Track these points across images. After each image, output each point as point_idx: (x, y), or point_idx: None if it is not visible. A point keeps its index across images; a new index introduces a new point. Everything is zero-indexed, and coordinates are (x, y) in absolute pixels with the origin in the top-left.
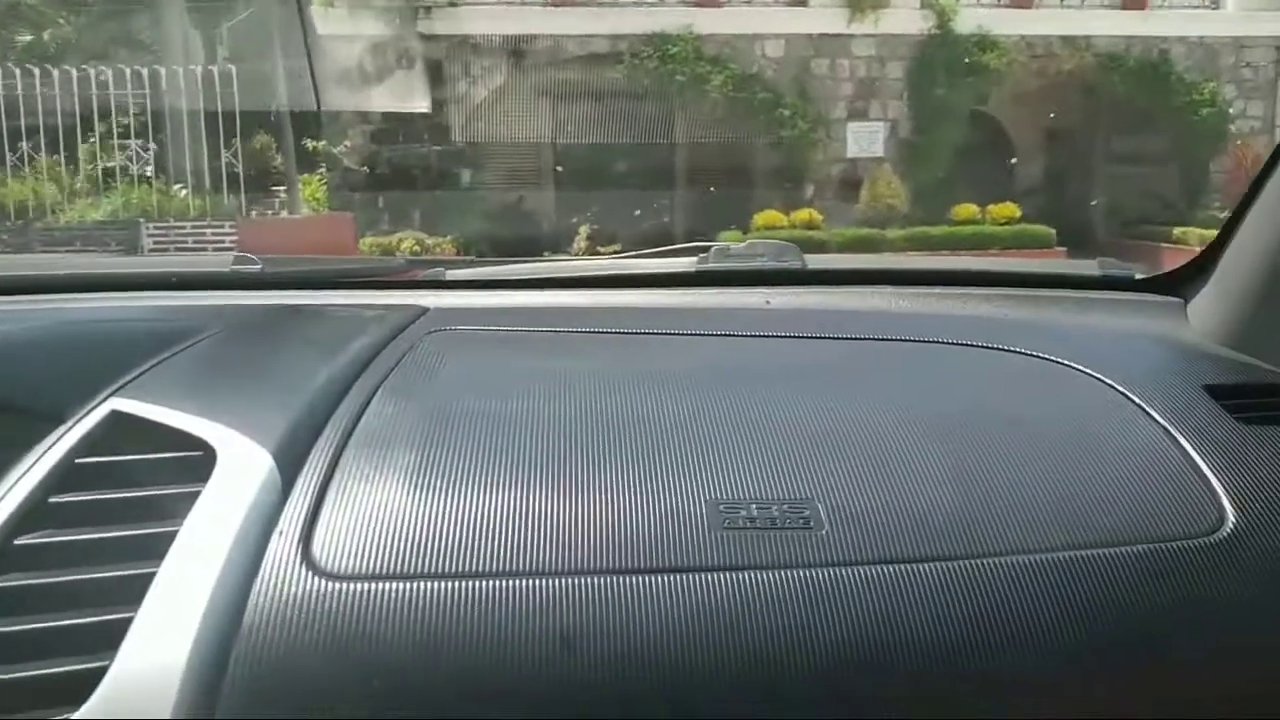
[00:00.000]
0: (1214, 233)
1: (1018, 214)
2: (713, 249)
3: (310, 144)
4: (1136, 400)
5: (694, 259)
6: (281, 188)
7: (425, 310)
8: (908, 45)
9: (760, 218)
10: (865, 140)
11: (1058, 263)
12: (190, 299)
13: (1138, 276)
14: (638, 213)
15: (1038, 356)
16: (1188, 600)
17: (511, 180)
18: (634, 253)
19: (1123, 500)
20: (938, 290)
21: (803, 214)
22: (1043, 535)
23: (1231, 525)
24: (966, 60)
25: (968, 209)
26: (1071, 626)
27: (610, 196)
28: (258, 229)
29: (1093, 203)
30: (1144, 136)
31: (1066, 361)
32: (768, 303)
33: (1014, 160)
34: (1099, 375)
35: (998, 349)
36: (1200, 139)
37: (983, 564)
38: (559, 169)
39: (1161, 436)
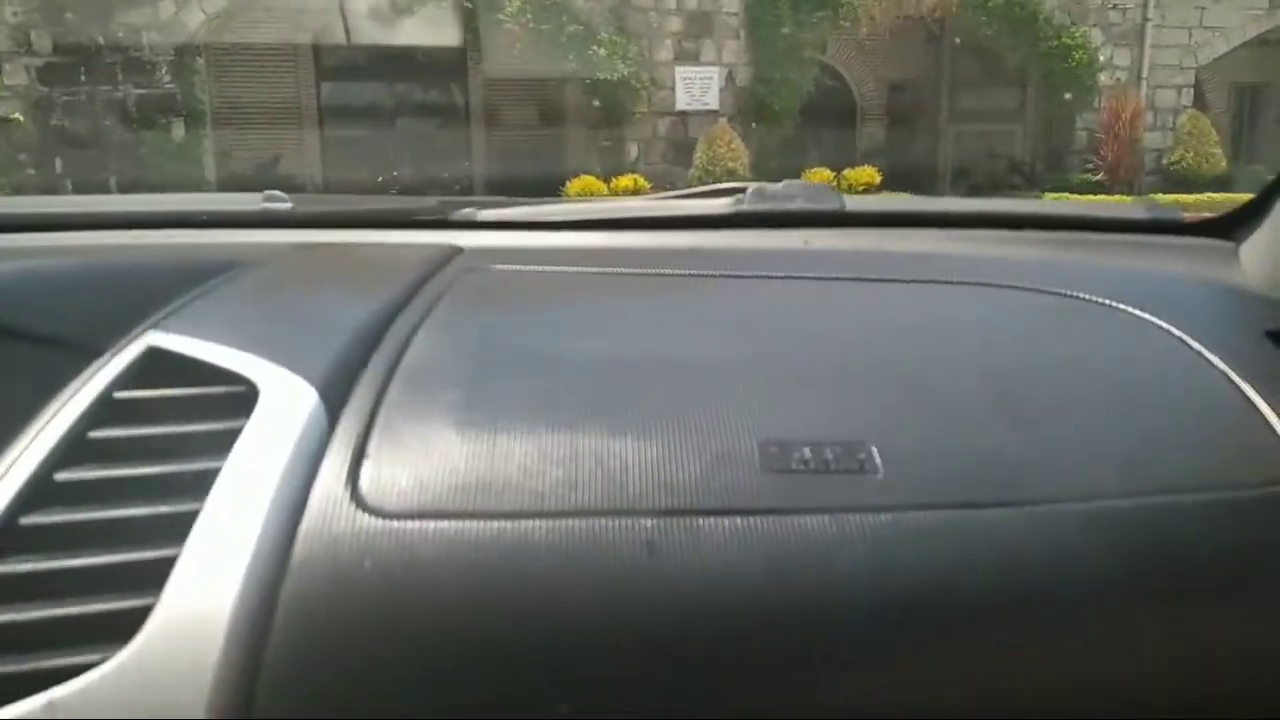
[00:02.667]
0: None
1: (878, 179)
2: (749, 190)
3: None
4: (1195, 345)
5: (729, 199)
6: None
7: (460, 250)
8: None
9: (574, 186)
10: (698, 89)
11: (1103, 205)
12: (221, 236)
13: (1187, 219)
14: (413, 178)
15: (1090, 299)
16: (1255, 547)
17: (260, 139)
18: (668, 194)
19: (1186, 447)
20: (980, 233)
21: (625, 180)
22: (1105, 481)
23: None
24: None
25: (821, 174)
26: (1138, 573)
27: (383, 158)
28: None
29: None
30: (1015, 88)
31: (1120, 305)
32: (806, 243)
33: (870, 115)
34: (1154, 319)
35: (1047, 291)
36: (1072, 89)
37: (1046, 510)
38: (323, 128)
39: (1223, 382)
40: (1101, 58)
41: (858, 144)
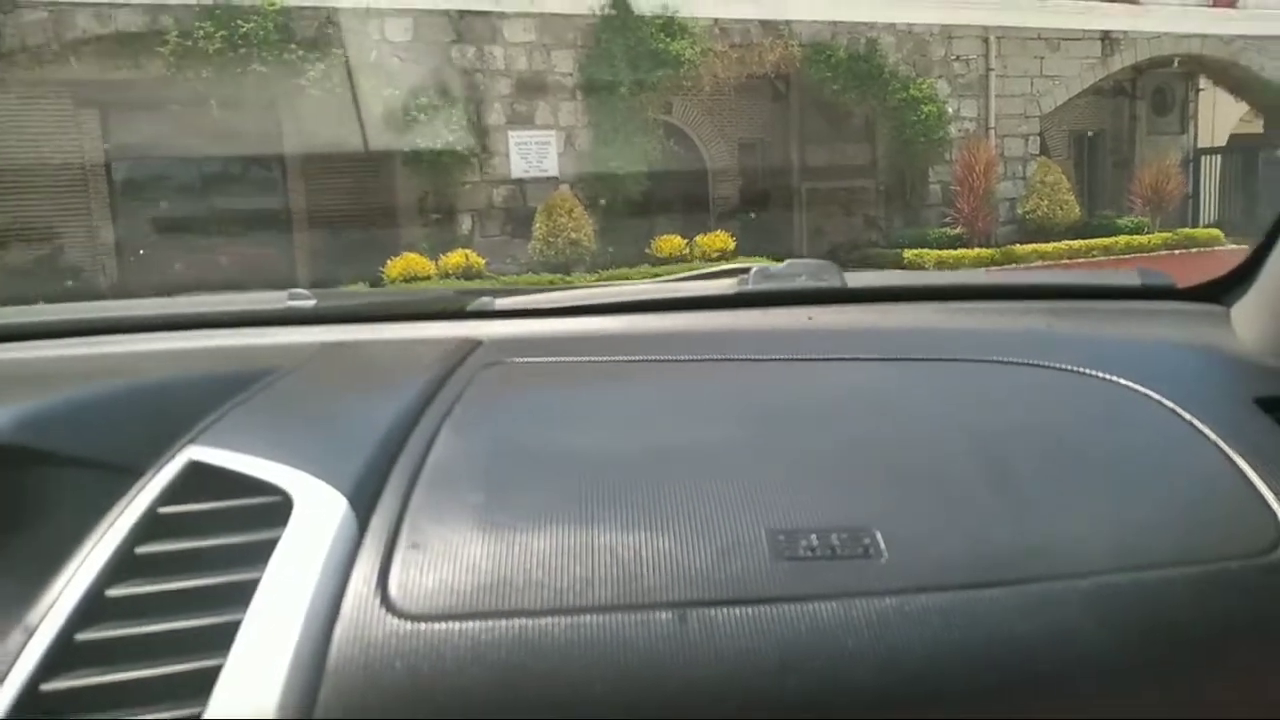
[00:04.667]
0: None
1: (731, 245)
2: (753, 270)
3: None
4: (1186, 416)
5: (734, 280)
6: None
7: (479, 343)
8: (576, 29)
9: (395, 266)
10: (534, 155)
11: (1098, 273)
12: (246, 336)
13: (1179, 286)
14: (225, 261)
15: (1083, 372)
16: (1248, 620)
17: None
18: (677, 276)
19: (1177, 520)
20: (978, 305)
21: (455, 257)
22: (1099, 558)
23: None
24: (652, 48)
25: (671, 241)
26: (1135, 650)
27: (196, 240)
28: None
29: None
30: (866, 144)
31: (1112, 376)
32: (810, 319)
33: (722, 177)
34: (1146, 389)
35: (1043, 365)
36: (923, 142)
37: (1040, 589)
38: (115, 217)
39: (1214, 453)
40: (950, 109)
41: (711, 207)
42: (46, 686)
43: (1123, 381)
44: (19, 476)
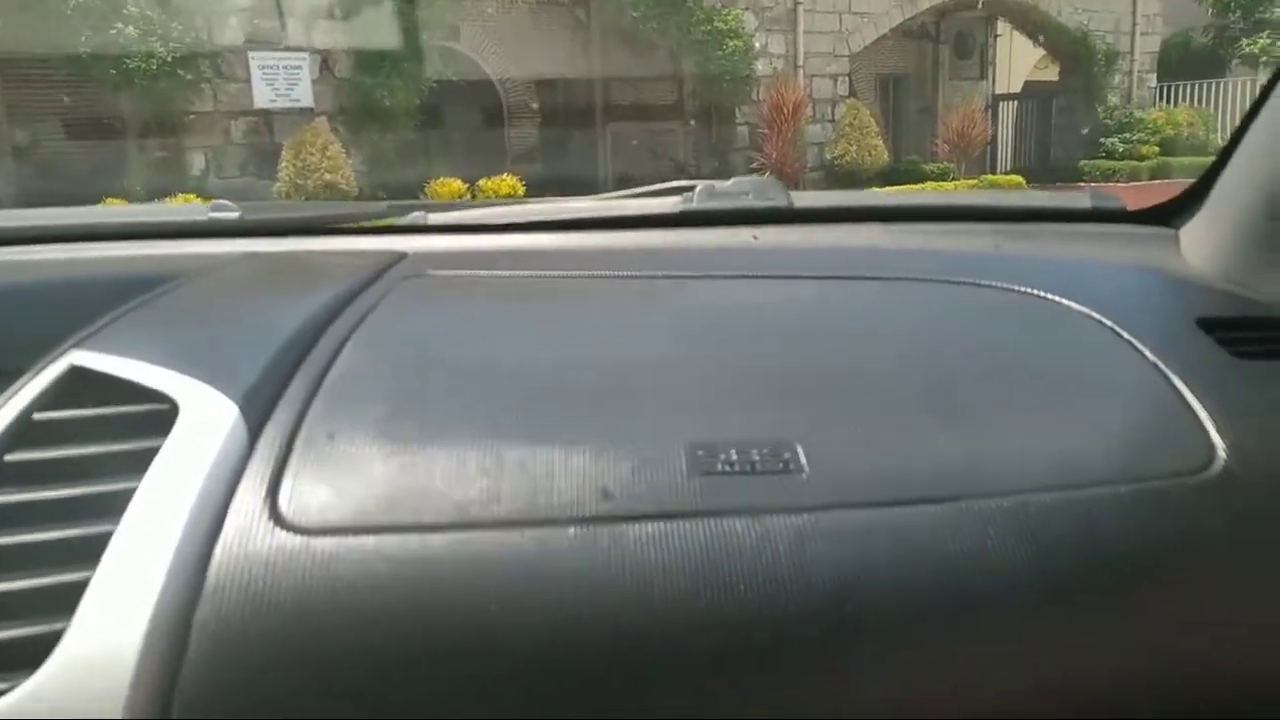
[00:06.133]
0: None
1: (521, 190)
2: (697, 188)
3: None
4: (1126, 335)
5: (678, 198)
6: None
7: (403, 255)
8: None
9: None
10: (283, 81)
11: (1046, 195)
12: (168, 247)
13: (1129, 208)
14: None
15: (1026, 292)
16: (1176, 538)
17: None
18: (619, 193)
19: (1111, 439)
20: (925, 226)
21: (175, 202)
22: (1029, 476)
23: (1222, 462)
24: None
25: (450, 185)
26: (1057, 567)
27: None
28: None
29: (617, 166)
30: (671, 82)
31: (1055, 297)
32: (755, 239)
33: (519, 115)
34: (1089, 310)
35: (986, 285)
36: (729, 79)
37: (967, 506)
38: None
39: (1151, 372)
40: (757, 44)
41: (508, 148)
42: None
43: (1065, 302)
44: None
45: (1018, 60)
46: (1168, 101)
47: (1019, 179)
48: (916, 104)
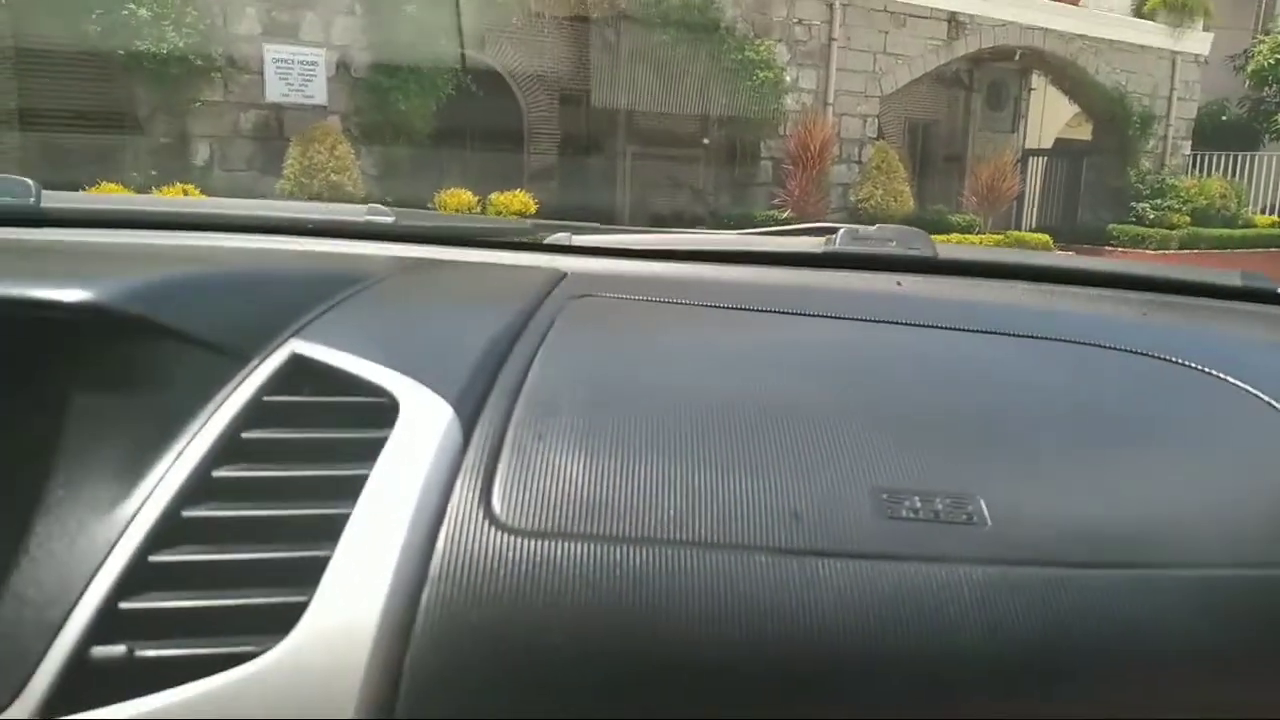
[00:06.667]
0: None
1: (532, 207)
2: (840, 231)
3: None
4: None
5: (821, 239)
6: None
7: (564, 275)
8: None
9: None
10: (297, 76)
11: (1196, 270)
12: (329, 245)
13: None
14: None
15: (1186, 364)
16: None
17: None
18: (760, 230)
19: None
20: (1071, 289)
21: (172, 192)
22: (1202, 550)
23: None
24: None
25: (459, 197)
26: (1238, 642)
27: None
28: None
29: (636, 192)
30: (697, 110)
31: (1216, 371)
32: (899, 285)
33: (540, 132)
34: (1249, 388)
35: (1143, 354)
36: (757, 112)
37: (1145, 573)
38: None
39: None
40: (788, 78)
41: (525, 165)
42: (154, 558)
43: (1226, 378)
44: (129, 348)
45: (1050, 116)
46: (1200, 170)
47: (1046, 237)
48: (945, 152)
